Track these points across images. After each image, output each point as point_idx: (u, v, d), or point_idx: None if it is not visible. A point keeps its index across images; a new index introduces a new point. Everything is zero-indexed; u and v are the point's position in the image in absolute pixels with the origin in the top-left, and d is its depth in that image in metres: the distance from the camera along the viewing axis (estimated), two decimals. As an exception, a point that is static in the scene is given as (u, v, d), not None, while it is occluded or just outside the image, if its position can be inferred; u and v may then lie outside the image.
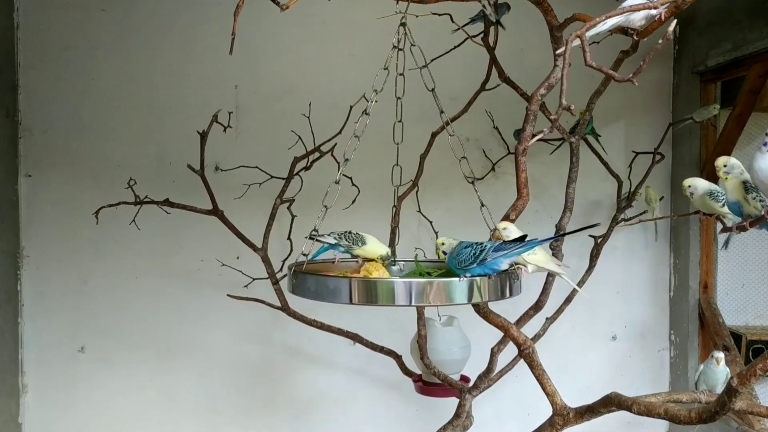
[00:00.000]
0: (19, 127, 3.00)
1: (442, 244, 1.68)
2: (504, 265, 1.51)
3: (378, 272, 1.74)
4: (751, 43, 2.73)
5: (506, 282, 1.56)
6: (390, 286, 1.49)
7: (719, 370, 2.15)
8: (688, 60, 3.22)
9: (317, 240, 1.83)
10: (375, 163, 2.99)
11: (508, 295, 1.56)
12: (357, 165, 2.17)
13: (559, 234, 1.57)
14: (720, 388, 2.08)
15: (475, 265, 1.50)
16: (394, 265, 1.91)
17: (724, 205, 1.88)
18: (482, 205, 1.84)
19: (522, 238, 1.54)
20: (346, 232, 1.86)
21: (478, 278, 1.50)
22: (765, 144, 1.52)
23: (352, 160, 1.99)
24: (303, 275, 1.64)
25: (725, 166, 1.83)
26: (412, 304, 1.48)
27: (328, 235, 1.86)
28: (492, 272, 1.50)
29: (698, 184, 2.01)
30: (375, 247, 1.83)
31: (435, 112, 2.03)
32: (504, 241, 1.54)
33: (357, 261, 1.92)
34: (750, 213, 1.79)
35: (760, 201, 1.74)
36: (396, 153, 2.05)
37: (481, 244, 1.53)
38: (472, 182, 1.89)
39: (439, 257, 1.73)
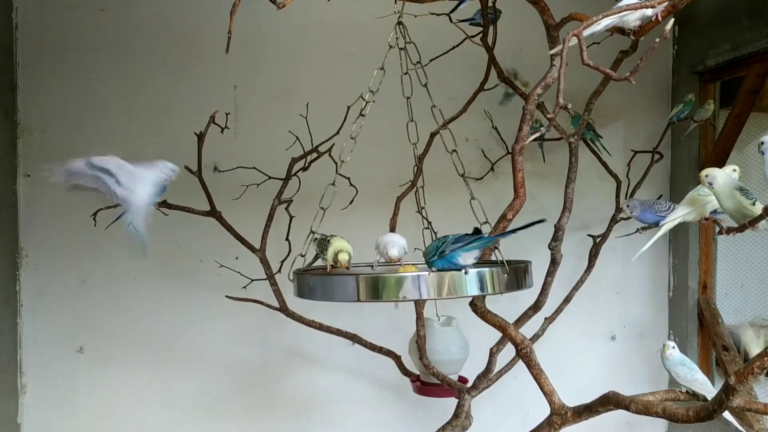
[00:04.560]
0: (18, 127, 3.00)
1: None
2: (464, 259, 1.50)
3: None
4: (751, 43, 2.73)
5: (519, 277, 1.56)
6: (392, 281, 1.49)
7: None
8: (687, 60, 3.22)
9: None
10: (373, 164, 3.02)
11: (501, 290, 1.55)
12: (355, 165, 2.18)
13: (512, 230, 1.57)
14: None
15: (436, 257, 1.51)
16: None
17: (754, 203, 1.85)
18: (472, 197, 1.83)
19: (477, 231, 1.55)
20: (323, 239, 1.86)
21: (487, 272, 1.50)
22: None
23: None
24: (308, 276, 1.65)
25: (707, 176, 1.86)
26: (410, 298, 1.49)
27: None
28: (455, 266, 1.49)
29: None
30: (329, 257, 1.80)
31: (439, 109, 2.03)
32: (464, 234, 1.54)
33: (347, 267, 1.92)
34: (746, 215, 1.82)
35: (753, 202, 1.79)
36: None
37: (446, 237, 1.54)
38: (462, 175, 1.89)
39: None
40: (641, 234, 2.59)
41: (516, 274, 1.56)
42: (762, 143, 1.72)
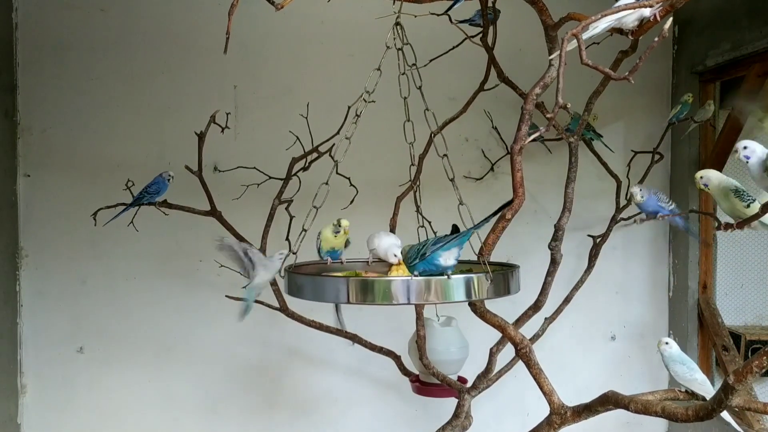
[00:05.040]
0: (18, 127, 3.01)
1: (402, 252, 1.70)
2: (445, 259, 1.50)
3: (397, 273, 1.74)
4: (750, 43, 2.73)
5: (506, 281, 1.56)
6: (381, 285, 1.49)
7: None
8: (687, 60, 3.22)
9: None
10: (373, 164, 3.02)
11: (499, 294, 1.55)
12: (355, 165, 2.18)
13: (483, 220, 1.58)
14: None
15: (418, 260, 1.51)
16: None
17: (749, 205, 1.86)
18: (461, 202, 1.83)
19: (456, 230, 1.55)
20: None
21: (475, 278, 1.50)
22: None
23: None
24: (299, 276, 1.65)
25: (701, 177, 1.87)
26: (405, 302, 1.49)
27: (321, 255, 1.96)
28: (436, 268, 1.50)
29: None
30: (328, 231, 1.93)
31: (433, 113, 2.02)
32: (444, 235, 1.55)
33: (341, 262, 1.93)
34: (740, 216, 1.84)
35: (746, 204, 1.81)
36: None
37: (427, 240, 1.55)
38: (452, 180, 1.89)
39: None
40: (637, 224, 2.59)
41: (505, 279, 1.56)
42: (745, 147, 1.73)
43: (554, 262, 2.45)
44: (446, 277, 1.48)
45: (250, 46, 3.11)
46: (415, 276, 1.50)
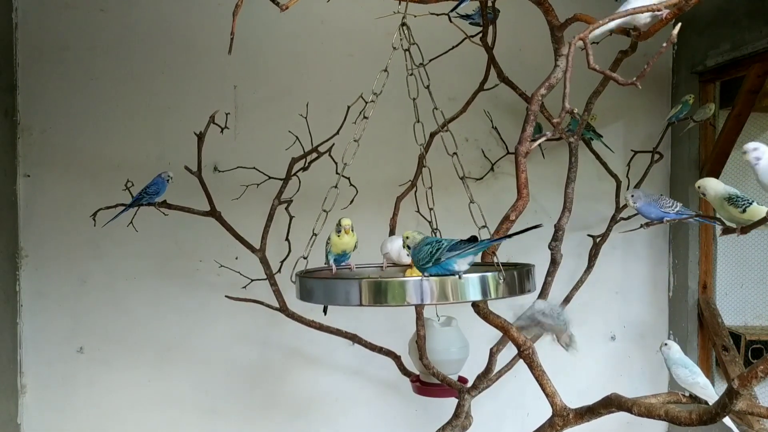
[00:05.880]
0: (18, 127, 3.00)
1: (407, 237, 1.65)
2: (459, 265, 1.48)
3: (412, 272, 1.74)
4: (750, 44, 2.73)
5: (522, 280, 1.56)
6: (395, 285, 1.49)
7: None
8: (687, 60, 3.22)
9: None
10: (373, 164, 3.02)
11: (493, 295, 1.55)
12: (355, 165, 2.16)
13: (507, 235, 1.57)
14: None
15: (431, 264, 1.49)
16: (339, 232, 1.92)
17: (745, 210, 1.86)
18: (471, 201, 1.83)
19: (473, 239, 1.53)
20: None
21: (489, 276, 1.50)
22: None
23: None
24: (309, 280, 1.65)
25: (699, 187, 1.89)
26: (415, 303, 1.49)
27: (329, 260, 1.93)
28: (449, 273, 1.48)
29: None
30: (333, 235, 1.90)
31: (441, 110, 2.02)
32: (460, 241, 1.51)
33: (350, 268, 1.93)
34: (739, 222, 1.86)
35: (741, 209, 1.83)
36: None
37: (440, 242, 1.51)
38: (462, 178, 1.89)
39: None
40: (645, 229, 2.58)
41: (519, 278, 1.55)
42: (756, 149, 1.71)
43: (554, 262, 2.45)
44: (458, 277, 1.47)
45: (250, 46, 3.10)
46: (425, 276, 1.49)
